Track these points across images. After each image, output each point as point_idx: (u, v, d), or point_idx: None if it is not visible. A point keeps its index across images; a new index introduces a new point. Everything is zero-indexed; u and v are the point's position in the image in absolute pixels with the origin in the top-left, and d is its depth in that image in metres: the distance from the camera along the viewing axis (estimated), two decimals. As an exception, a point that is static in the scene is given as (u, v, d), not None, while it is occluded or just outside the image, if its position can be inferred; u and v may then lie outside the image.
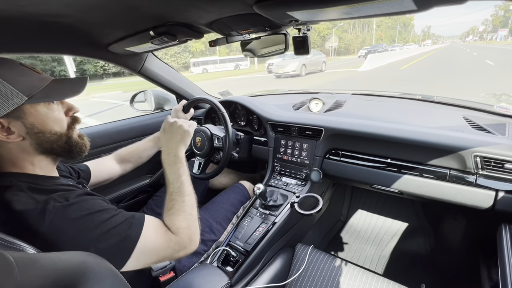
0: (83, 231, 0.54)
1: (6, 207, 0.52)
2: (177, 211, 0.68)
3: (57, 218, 0.52)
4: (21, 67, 0.57)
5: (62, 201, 0.54)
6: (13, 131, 0.55)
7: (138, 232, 0.59)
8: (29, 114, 0.56)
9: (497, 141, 0.82)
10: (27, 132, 0.57)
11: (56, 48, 0.97)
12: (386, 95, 1.57)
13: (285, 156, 1.23)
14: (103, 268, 0.41)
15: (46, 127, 0.59)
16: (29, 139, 0.57)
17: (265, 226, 0.98)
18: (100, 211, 0.57)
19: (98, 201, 0.60)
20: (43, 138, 0.59)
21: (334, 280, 0.92)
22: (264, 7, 0.58)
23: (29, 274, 0.32)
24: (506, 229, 0.78)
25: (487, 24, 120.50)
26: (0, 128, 0.54)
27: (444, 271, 1.29)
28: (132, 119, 1.51)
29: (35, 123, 0.57)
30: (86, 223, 0.54)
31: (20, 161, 0.58)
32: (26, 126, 0.56)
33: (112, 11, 0.68)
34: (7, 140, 0.55)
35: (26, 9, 0.62)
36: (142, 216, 0.62)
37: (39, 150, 0.60)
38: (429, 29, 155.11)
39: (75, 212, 0.54)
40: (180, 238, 0.64)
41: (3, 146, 0.56)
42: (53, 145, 0.61)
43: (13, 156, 0.57)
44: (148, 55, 1.31)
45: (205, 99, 1.22)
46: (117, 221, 0.58)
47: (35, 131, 0.57)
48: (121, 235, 0.56)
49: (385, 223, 1.58)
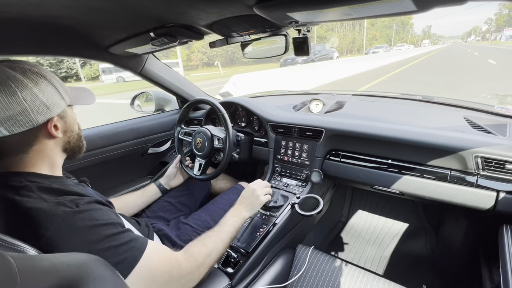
0: (86, 243, 0.54)
1: (15, 207, 0.52)
2: (205, 244, 0.72)
3: (65, 224, 0.52)
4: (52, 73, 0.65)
5: (72, 207, 0.54)
6: (58, 128, 0.62)
7: (137, 257, 0.57)
8: (67, 114, 0.65)
9: (498, 142, 0.82)
10: (65, 130, 0.64)
11: (56, 50, 0.98)
12: (387, 95, 1.57)
13: (286, 157, 1.23)
14: (104, 269, 0.41)
15: (74, 127, 0.68)
16: (64, 137, 0.65)
17: (266, 227, 0.98)
18: (107, 225, 0.57)
19: (107, 212, 0.60)
20: (71, 136, 0.67)
21: (335, 281, 0.91)
22: (264, 8, 0.58)
23: (29, 276, 0.32)
24: (507, 229, 0.77)
25: (491, 23, 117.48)
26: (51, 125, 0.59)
27: (445, 272, 1.29)
28: (132, 120, 1.52)
29: (69, 122, 0.65)
30: (91, 236, 0.54)
31: (44, 160, 0.61)
32: (66, 125, 0.64)
33: (113, 12, 0.68)
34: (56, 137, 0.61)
35: (27, 11, 0.62)
36: (145, 241, 0.61)
37: (63, 147, 0.66)
38: (429, 28, 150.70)
39: (83, 220, 0.54)
40: (188, 263, 0.65)
41: (42, 143, 0.60)
42: (71, 143, 0.67)
43: (42, 153, 0.60)
44: (149, 57, 1.31)
45: (205, 100, 1.22)
46: (121, 241, 0.57)
47: (70, 129, 0.66)
48: (120, 256, 0.55)
49: (386, 224, 1.58)
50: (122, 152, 1.41)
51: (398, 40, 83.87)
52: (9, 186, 0.54)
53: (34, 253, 0.44)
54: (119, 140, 1.39)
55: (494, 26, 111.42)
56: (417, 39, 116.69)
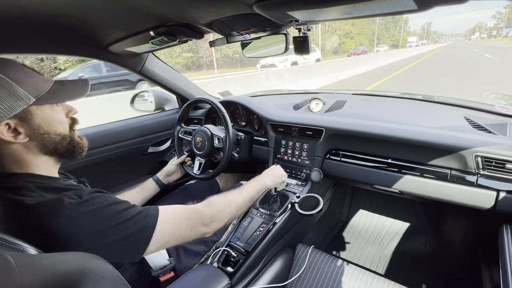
0: (99, 223, 0.54)
1: (15, 208, 0.52)
2: (224, 196, 0.80)
3: (73, 213, 0.52)
4: (24, 68, 0.58)
5: (76, 199, 0.55)
6: (20, 131, 0.56)
7: (155, 220, 0.61)
8: (36, 115, 0.57)
9: (498, 141, 0.82)
10: (33, 133, 0.57)
11: (56, 49, 0.98)
12: (387, 95, 1.56)
13: (286, 156, 1.23)
14: (103, 268, 0.41)
15: (51, 128, 0.60)
16: (35, 140, 0.58)
17: (266, 226, 0.98)
18: (114, 204, 0.58)
19: (110, 195, 0.61)
20: (48, 139, 0.60)
21: (335, 280, 0.91)
22: (264, 7, 0.58)
23: (29, 275, 0.32)
24: (507, 229, 0.77)
25: (501, 18, 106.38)
26: (7, 129, 0.54)
27: (445, 271, 1.29)
28: (132, 119, 1.51)
29: (41, 124, 0.58)
30: (102, 215, 0.55)
31: (25, 162, 0.59)
32: (32, 127, 0.57)
33: (112, 11, 0.68)
34: (14, 141, 0.55)
35: (27, 10, 0.62)
36: (156, 207, 0.65)
37: (43, 151, 0.61)
38: (429, 25, 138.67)
39: (90, 206, 0.55)
40: (204, 211, 0.71)
41: (9, 146, 0.56)
42: (57, 145, 0.62)
43: (18, 156, 0.58)
44: (149, 56, 1.31)
45: (205, 99, 1.22)
46: (133, 213, 0.59)
47: (41, 132, 0.58)
48: (138, 224, 0.58)
49: (386, 223, 1.58)
50: (122, 151, 1.40)
51: (388, 39, 67.97)
52: (6, 188, 0.54)
53: (34, 252, 0.44)
54: (119, 139, 1.39)
55: (505, 21, 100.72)
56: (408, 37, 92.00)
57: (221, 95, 1.80)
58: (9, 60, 0.57)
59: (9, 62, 0.56)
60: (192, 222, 0.68)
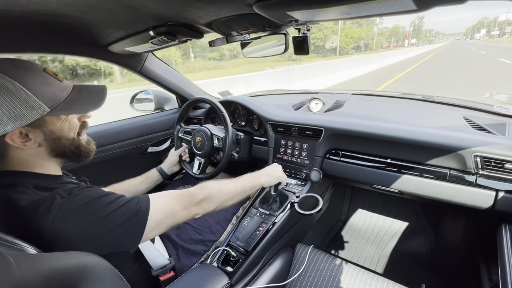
0: (91, 215, 0.54)
1: (9, 205, 0.52)
2: (217, 182, 0.80)
3: (62, 209, 0.52)
4: (44, 74, 0.57)
5: (65, 195, 0.55)
6: (30, 138, 0.56)
7: (147, 205, 0.61)
8: (50, 123, 0.58)
9: (497, 141, 0.82)
10: (45, 139, 0.58)
11: (56, 48, 0.97)
12: (386, 95, 1.57)
13: (285, 156, 1.23)
14: (103, 268, 0.41)
15: (63, 133, 0.61)
16: (45, 145, 0.59)
17: (265, 226, 0.98)
18: (104, 195, 0.58)
19: (101, 189, 0.61)
20: (59, 144, 0.61)
21: (334, 280, 0.92)
22: (264, 7, 0.58)
23: (28, 275, 0.32)
24: (506, 229, 0.78)
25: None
26: (18, 135, 0.54)
27: (444, 271, 1.29)
28: (132, 119, 1.51)
29: (54, 130, 0.59)
30: (93, 207, 0.55)
31: (31, 163, 0.59)
32: (44, 134, 0.58)
33: (112, 11, 0.68)
34: (23, 147, 0.56)
35: (26, 9, 0.62)
36: (146, 195, 0.65)
37: (52, 154, 0.61)
38: (421, 21, 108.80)
39: (79, 201, 0.55)
40: (195, 192, 0.72)
41: (18, 150, 0.57)
42: (66, 150, 0.63)
43: (25, 159, 0.58)
44: (148, 55, 1.31)
45: (205, 99, 1.22)
46: (124, 201, 0.59)
47: (53, 137, 0.59)
48: (132, 210, 0.58)
49: (385, 223, 1.58)
50: (121, 151, 1.40)
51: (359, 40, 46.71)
52: (4, 185, 0.55)
53: (34, 251, 0.44)
54: (119, 139, 1.39)
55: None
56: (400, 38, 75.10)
57: (221, 94, 1.79)
58: (31, 65, 0.56)
59: (30, 68, 0.56)
60: (183, 203, 0.68)
